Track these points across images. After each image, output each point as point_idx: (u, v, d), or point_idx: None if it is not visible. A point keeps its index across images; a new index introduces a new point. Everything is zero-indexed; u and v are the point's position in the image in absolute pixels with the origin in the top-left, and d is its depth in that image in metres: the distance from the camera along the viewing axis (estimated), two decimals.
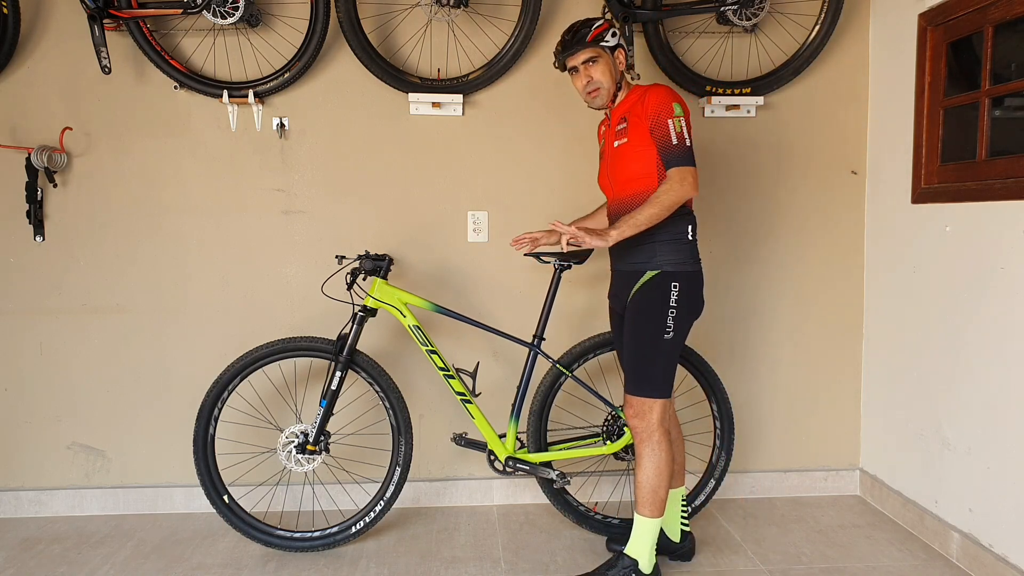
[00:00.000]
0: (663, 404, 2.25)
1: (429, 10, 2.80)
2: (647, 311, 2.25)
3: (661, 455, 2.25)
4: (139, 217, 2.94)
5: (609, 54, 2.31)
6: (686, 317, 2.26)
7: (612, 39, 2.30)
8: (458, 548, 2.69)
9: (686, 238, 2.28)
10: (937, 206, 2.63)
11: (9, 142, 2.88)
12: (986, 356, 2.41)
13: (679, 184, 2.16)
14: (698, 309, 2.33)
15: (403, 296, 2.61)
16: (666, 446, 2.26)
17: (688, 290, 2.25)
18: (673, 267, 2.25)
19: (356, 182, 2.97)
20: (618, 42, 2.32)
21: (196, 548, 2.71)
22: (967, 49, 2.58)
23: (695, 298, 2.30)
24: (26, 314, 2.95)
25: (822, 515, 2.94)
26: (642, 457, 2.27)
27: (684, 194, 2.17)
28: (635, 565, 2.29)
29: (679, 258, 2.26)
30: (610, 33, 2.30)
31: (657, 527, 2.30)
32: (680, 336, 2.26)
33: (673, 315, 2.22)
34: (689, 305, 2.27)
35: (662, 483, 2.26)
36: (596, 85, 2.31)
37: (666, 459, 2.26)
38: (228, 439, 2.83)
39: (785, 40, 3.00)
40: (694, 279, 2.28)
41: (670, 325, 2.22)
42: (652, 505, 2.27)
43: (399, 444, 2.67)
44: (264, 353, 2.62)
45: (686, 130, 2.18)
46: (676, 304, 2.22)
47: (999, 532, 2.36)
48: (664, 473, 2.26)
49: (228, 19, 2.72)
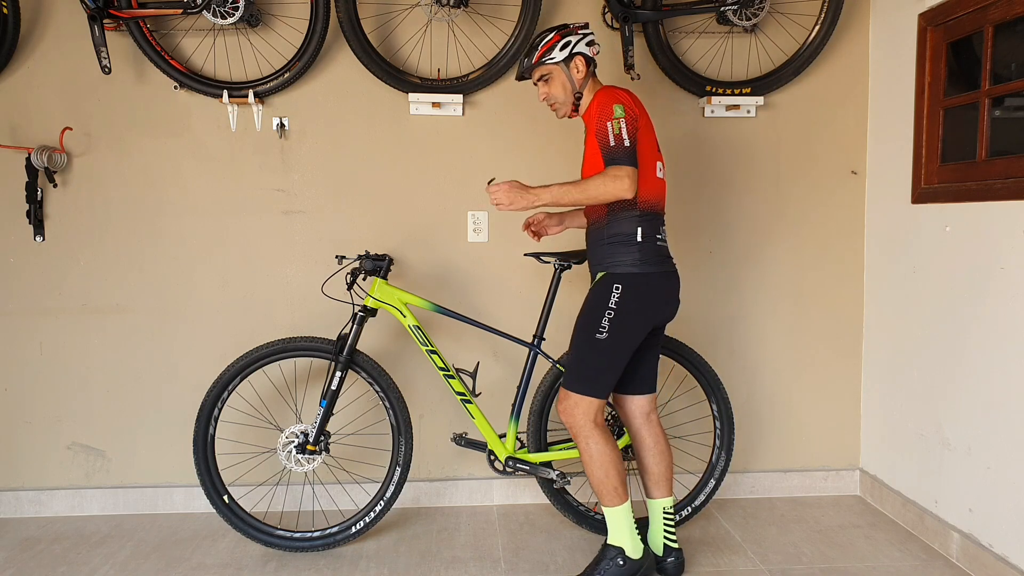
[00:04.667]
0: (591, 402, 2.26)
1: (429, 10, 2.80)
2: (587, 309, 2.28)
3: (593, 447, 2.27)
4: (139, 217, 2.94)
5: (562, 67, 2.32)
6: (628, 320, 2.22)
7: (561, 53, 2.30)
8: (458, 548, 2.69)
9: (635, 240, 2.23)
10: (937, 206, 2.63)
11: (9, 142, 2.88)
12: (986, 356, 2.41)
13: (611, 179, 2.14)
14: (650, 313, 2.27)
15: (403, 296, 2.61)
16: (598, 438, 2.26)
17: (632, 293, 2.21)
18: (618, 269, 2.25)
19: (356, 182, 2.97)
20: (572, 51, 2.30)
21: (196, 548, 2.71)
22: (967, 49, 2.58)
23: (643, 301, 2.24)
24: (26, 314, 2.95)
25: (822, 515, 2.94)
26: (581, 454, 2.31)
27: (613, 190, 2.14)
28: (621, 552, 2.31)
29: (626, 260, 2.24)
30: (559, 47, 2.30)
31: (626, 511, 2.31)
32: (617, 338, 2.22)
33: (610, 316, 2.20)
34: (634, 308, 2.22)
35: (606, 472, 2.26)
36: (552, 100, 2.37)
37: (600, 450, 2.26)
38: (228, 439, 2.83)
39: (785, 40, 3.00)
40: (641, 281, 2.23)
41: (604, 326, 2.20)
42: (607, 495, 2.29)
43: (399, 444, 2.67)
44: (264, 353, 2.62)
45: (625, 131, 2.14)
46: (615, 307, 2.20)
47: (999, 532, 2.36)
48: (603, 463, 2.26)
49: (228, 19, 2.72)
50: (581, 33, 2.34)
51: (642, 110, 2.27)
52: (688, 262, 3.05)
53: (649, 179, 2.26)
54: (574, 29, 2.35)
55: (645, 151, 2.24)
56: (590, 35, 2.35)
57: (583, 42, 2.33)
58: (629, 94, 2.26)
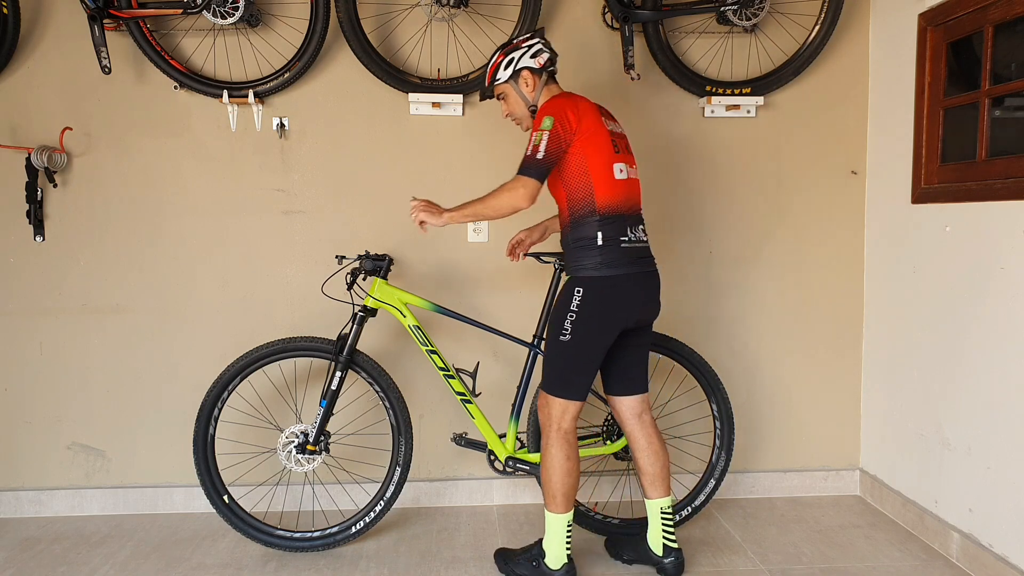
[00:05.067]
0: (562, 405, 2.28)
1: (429, 10, 2.80)
2: (553, 313, 2.31)
3: (552, 452, 2.29)
4: (139, 217, 2.94)
5: (512, 84, 2.36)
6: (590, 323, 2.23)
7: (506, 71, 2.35)
8: (458, 548, 2.69)
9: (595, 244, 2.23)
10: (937, 206, 2.63)
11: (9, 142, 2.88)
12: (986, 356, 2.41)
13: (507, 190, 2.20)
14: (615, 315, 2.25)
15: (403, 296, 2.61)
16: (560, 444, 2.28)
17: (593, 296, 2.22)
18: (580, 272, 2.26)
19: (356, 182, 2.97)
20: (516, 68, 2.34)
21: (196, 548, 2.71)
22: (967, 49, 2.58)
23: (606, 304, 2.24)
24: (26, 314, 2.95)
25: (822, 515, 2.94)
26: (543, 453, 2.33)
27: (509, 200, 2.19)
28: (541, 556, 2.36)
29: (587, 264, 2.25)
30: (503, 67, 2.35)
31: (561, 522, 2.32)
32: (581, 341, 2.23)
33: (572, 319, 2.22)
34: (596, 311, 2.22)
35: (556, 479, 2.28)
36: (512, 116, 2.43)
37: (559, 456, 2.28)
38: (228, 439, 2.83)
39: (785, 40, 3.00)
40: (603, 284, 2.23)
41: (567, 329, 2.23)
42: (549, 500, 2.32)
43: (399, 444, 2.67)
44: (264, 353, 2.62)
45: (543, 144, 2.17)
46: (576, 309, 2.22)
47: (999, 532, 2.36)
48: (556, 469, 2.28)
49: (228, 19, 2.72)
50: (525, 47, 2.36)
51: (587, 117, 2.24)
52: (688, 262, 3.05)
53: (605, 183, 2.24)
54: (517, 44, 2.38)
55: (594, 157, 2.23)
56: (535, 45, 2.36)
57: (527, 55, 2.35)
58: (570, 103, 2.25)
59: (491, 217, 2.28)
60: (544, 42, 2.39)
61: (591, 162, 2.22)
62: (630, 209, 2.30)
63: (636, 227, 2.32)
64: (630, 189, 2.31)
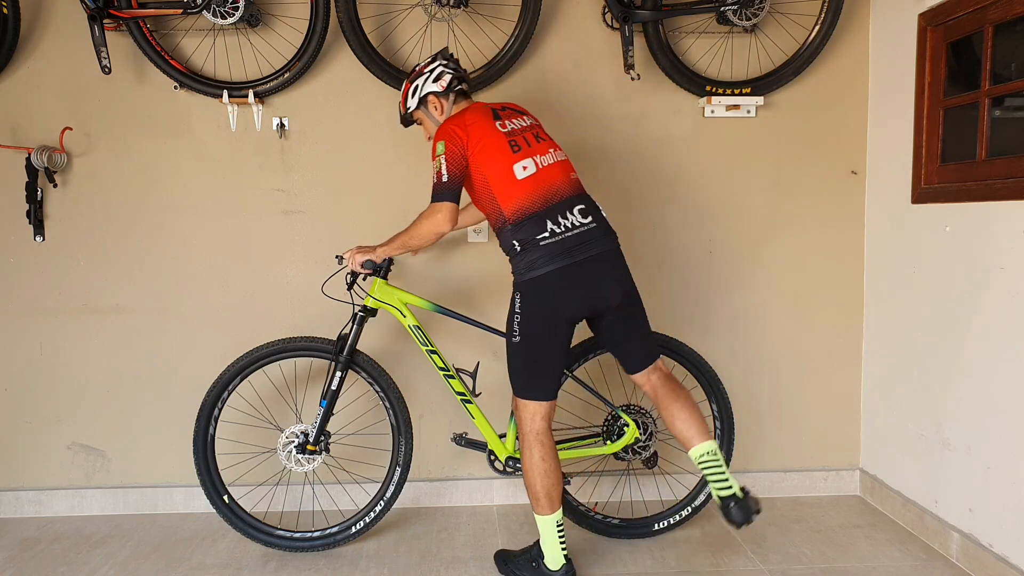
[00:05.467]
0: (528, 405, 2.32)
1: (429, 10, 2.80)
2: (507, 318, 2.33)
3: (527, 454, 2.32)
4: (139, 217, 2.94)
5: (422, 110, 2.45)
6: (533, 323, 2.26)
7: (414, 99, 2.44)
8: (458, 548, 2.69)
9: (515, 251, 2.26)
10: (937, 206, 2.63)
11: (9, 142, 2.88)
12: (986, 356, 2.41)
13: (425, 218, 2.29)
14: (556, 310, 2.25)
15: (403, 296, 2.61)
16: (534, 446, 2.31)
17: (529, 298, 2.25)
18: (516, 278, 2.30)
19: (356, 182, 2.97)
20: (422, 95, 2.42)
21: (196, 548, 2.71)
22: (967, 49, 2.58)
23: (542, 302, 2.25)
24: (26, 314, 2.95)
25: (822, 515, 2.94)
26: (521, 454, 2.36)
27: (429, 226, 2.28)
28: (540, 558, 2.38)
29: (517, 269, 2.28)
30: (411, 95, 2.45)
31: (550, 523, 2.33)
32: (529, 340, 2.27)
33: (517, 321, 2.27)
34: (535, 310, 2.25)
35: (536, 481, 2.31)
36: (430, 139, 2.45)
37: (534, 458, 2.31)
38: (228, 439, 2.83)
39: (785, 40, 2.99)
40: (535, 285, 2.23)
41: (515, 331, 2.28)
42: (534, 502, 2.34)
43: (399, 444, 2.67)
44: (264, 353, 2.62)
45: (444, 166, 2.24)
46: (519, 312, 2.27)
47: (999, 532, 2.36)
48: (534, 471, 2.31)
49: (228, 19, 2.72)
50: (427, 72, 2.42)
51: (475, 127, 2.28)
52: (688, 262, 3.05)
53: (507, 189, 2.25)
54: (420, 71, 2.45)
55: (489, 166, 2.25)
56: (436, 69, 2.42)
57: (429, 81, 2.41)
58: (456, 120, 2.32)
59: (417, 246, 2.40)
60: (445, 63, 2.43)
61: (488, 172, 2.26)
62: (547, 202, 2.25)
63: (565, 215, 2.25)
64: (541, 181, 2.26)
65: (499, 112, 2.37)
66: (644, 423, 2.68)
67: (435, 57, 2.46)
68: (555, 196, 2.27)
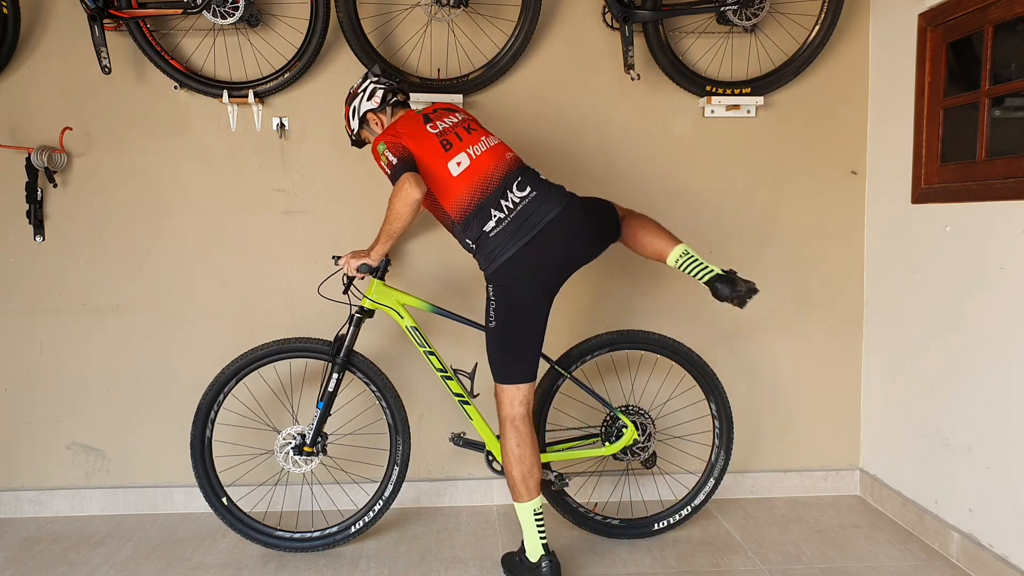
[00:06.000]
0: (508, 390, 2.34)
1: (429, 10, 2.80)
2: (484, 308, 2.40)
3: (503, 441, 2.36)
4: (139, 217, 2.94)
5: (366, 129, 2.54)
6: (507, 308, 2.31)
7: (355, 121, 2.52)
8: (458, 548, 2.69)
9: (472, 248, 2.34)
10: (937, 206, 2.63)
11: (9, 142, 2.88)
12: (986, 356, 2.41)
13: (394, 195, 2.28)
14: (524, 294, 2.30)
15: (400, 297, 2.61)
16: (510, 433, 2.34)
17: (497, 288, 2.31)
18: (484, 271, 2.36)
19: (356, 182, 2.96)
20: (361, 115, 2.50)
21: (196, 548, 2.71)
22: (967, 49, 2.58)
23: (512, 284, 2.29)
24: (26, 314, 2.95)
25: (822, 515, 2.94)
26: (502, 440, 2.39)
27: (400, 201, 2.25)
28: (523, 551, 2.43)
29: (481, 265, 2.35)
30: (352, 119, 2.53)
31: (526, 512, 2.37)
32: (506, 324, 2.32)
33: (492, 307, 2.33)
34: (507, 295, 2.30)
35: (510, 467, 2.34)
36: None
37: (509, 444, 2.34)
38: (227, 441, 2.83)
39: (785, 40, 2.99)
40: (501, 273, 2.30)
41: (491, 316, 2.34)
42: (512, 490, 2.38)
43: (397, 443, 2.67)
44: (259, 355, 2.62)
45: (388, 155, 2.29)
46: (493, 299, 2.33)
47: (999, 532, 2.36)
48: (508, 457, 2.34)
49: (228, 19, 2.72)
50: (361, 92, 2.51)
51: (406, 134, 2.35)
52: None
53: (446, 189, 2.31)
54: (354, 92, 2.53)
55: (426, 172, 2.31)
56: (368, 87, 2.50)
57: (364, 100, 2.50)
58: (389, 132, 2.38)
59: (402, 225, 2.32)
60: (376, 79, 2.52)
61: (427, 178, 2.31)
62: (485, 191, 2.30)
63: (505, 197, 2.30)
64: (477, 172, 2.31)
65: (430, 116, 2.43)
66: (643, 424, 2.68)
67: (365, 76, 2.55)
68: (492, 183, 2.31)
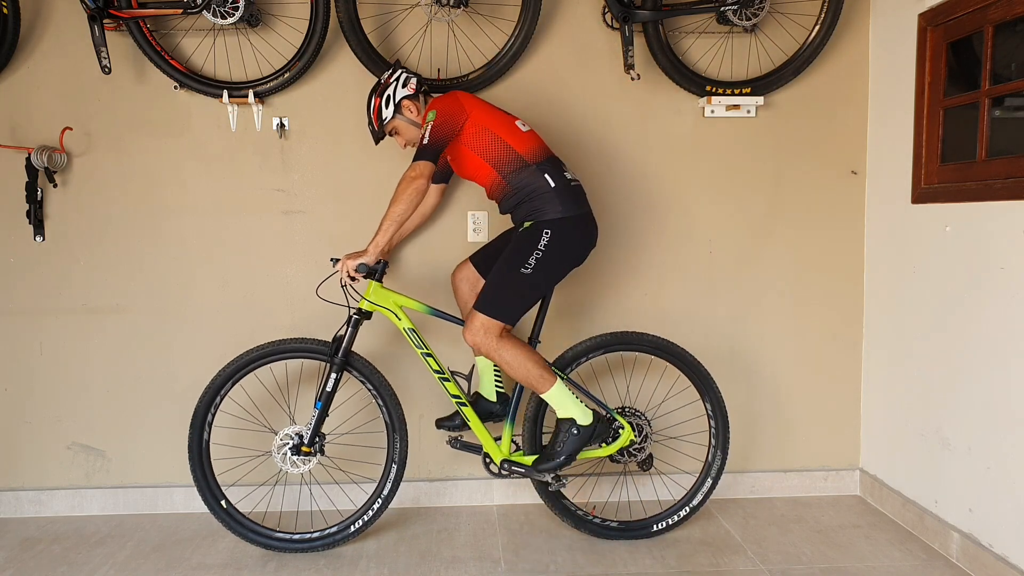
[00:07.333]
0: (497, 325, 2.40)
1: (429, 10, 2.80)
2: (516, 247, 2.43)
3: (507, 355, 2.41)
4: (139, 217, 2.94)
5: (399, 117, 2.58)
6: (552, 261, 2.40)
7: (389, 109, 2.56)
8: (458, 548, 2.69)
9: (548, 188, 2.41)
10: (937, 206, 2.63)
11: (9, 142, 2.88)
12: (986, 356, 2.40)
13: (405, 179, 2.36)
14: (575, 255, 2.48)
15: (398, 299, 2.61)
16: (507, 346, 2.41)
17: (560, 236, 2.39)
18: (545, 216, 2.41)
19: (356, 182, 2.97)
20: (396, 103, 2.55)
21: (196, 548, 2.71)
22: (967, 49, 2.58)
23: (571, 243, 2.44)
24: (26, 314, 2.95)
25: (822, 515, 2.94)
26: (500, 365, 2.45)
27: (410, 185, 2.34)
28: (573, 423, 2.47)
29: (548, 208, 2.41)
30: (384, 107, 2.56)
31: (560, 388, 2.45)
32: (539, 276, 2.40)
33: (537, 256, 2.38)
34: (561, 250, 2.41)
35: (527, 368, 2.41)
36: (410, 144, 2.62)
37: (513, 354, 2.41)
38: (225, 443, 2.83)
39: (785, 40, 2.99)
40: (568, 224, 2.40)
41: (530, 263, 2.38)
42: (537, 384, 2.44)
43: (394, 441, 2.66)
44: (256, 356, 2.61)
45: (428, 132, 2.38)
46: (544, 248, 2.37)
47: (999, 532, 2.36)
48: (520, 362, 2.41)
49: (228, 19, 2.72)
50: (395, 80, 2.58)
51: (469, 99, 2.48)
52: (688, 262, 3.05)
53: (516, 137, 2.46)
54: (386, 81, 2.59)
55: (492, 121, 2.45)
56: (402, 75, 2.59)
57: (400, 87, 2.57)
58: (444, 99, 2.47)
59: (407, 210, 2.37)
60: (405, 69, 2.62)
61: (493, 126, 2.44)
62: (550, 154, 2.50)
63: (566, 167, 2.51)
64: (534, 139, 2.51)
65: None
66: (639, 425, 2.68)
67: (395, 67, 2.62)
68: (552, 153, 2.52)
